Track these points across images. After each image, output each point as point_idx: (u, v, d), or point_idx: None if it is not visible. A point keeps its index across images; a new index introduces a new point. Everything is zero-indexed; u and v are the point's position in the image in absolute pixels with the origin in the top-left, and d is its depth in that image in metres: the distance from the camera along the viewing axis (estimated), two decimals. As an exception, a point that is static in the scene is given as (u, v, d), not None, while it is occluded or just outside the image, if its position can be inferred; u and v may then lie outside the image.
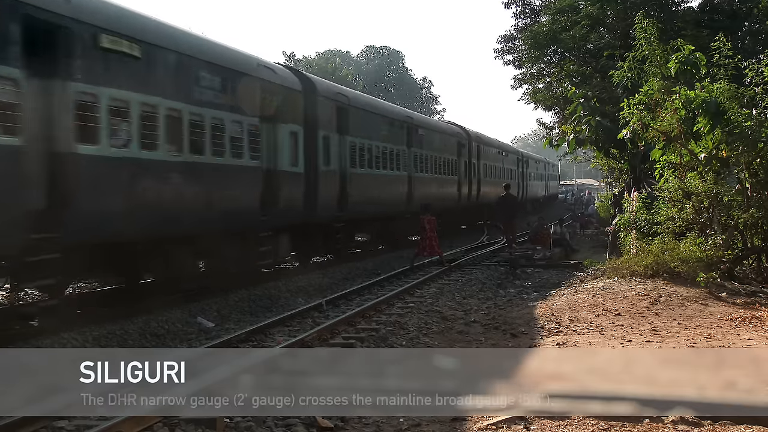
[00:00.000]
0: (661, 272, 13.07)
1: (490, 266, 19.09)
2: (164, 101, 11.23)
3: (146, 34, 11.10)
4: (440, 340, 9.85)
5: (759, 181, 13.57)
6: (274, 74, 15.22)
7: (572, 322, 10.62)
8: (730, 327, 9.82)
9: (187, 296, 12.18)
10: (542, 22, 29.16)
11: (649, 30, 16.06)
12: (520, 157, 45.80)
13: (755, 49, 21.79)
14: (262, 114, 14.29)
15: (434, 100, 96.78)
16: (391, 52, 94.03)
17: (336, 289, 14.35)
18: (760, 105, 13.88)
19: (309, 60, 75.04)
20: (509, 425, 5.84)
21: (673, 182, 14.56)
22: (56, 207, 9.24)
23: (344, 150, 18.72)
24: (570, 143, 19.66)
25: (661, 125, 14.27)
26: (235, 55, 14.17)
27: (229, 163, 13.12)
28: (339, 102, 18.68)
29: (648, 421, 5.75)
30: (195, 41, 12.96)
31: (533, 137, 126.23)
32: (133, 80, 10.57)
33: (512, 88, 34.34)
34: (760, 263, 14.28)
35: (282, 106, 15.10)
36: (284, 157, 15.15)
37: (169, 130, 11.33)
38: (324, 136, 17.30)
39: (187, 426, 5.76)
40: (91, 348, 9.10)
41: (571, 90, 20.19)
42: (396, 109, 26.46)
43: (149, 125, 10.86)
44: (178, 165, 11.62)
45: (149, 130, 10.85)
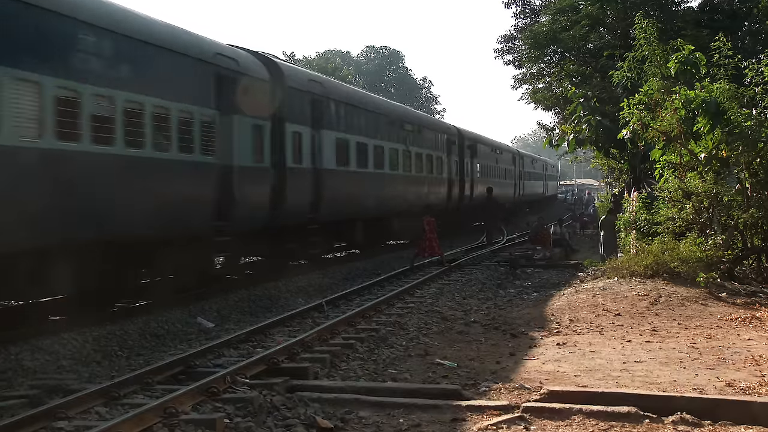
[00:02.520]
0: (661, 272, 13.07)
1: (490, 266, 19.07)
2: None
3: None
4: (440, 340, 9.84)
5: (759, 181, 13.57)
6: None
7: (572, 323, 10.62)
8: (730, 327, 9.82)
9: (186, 298, 12.21)
10: (542, 22, 29.17)
11: (649, 30, 16.05)
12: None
13: (755, 49, 21.82)
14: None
15: (434, 100, 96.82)
16: (391, 52, 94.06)
17: (336, 290, 14.34)
18: (760, 105, 13.89)
19: (309, 60, 75.03)
20: (509, 425, 5.83)
21: (673, 182, 14.56)
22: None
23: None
24: (570, 143, 19.65)
25: (661, 125, 14.27)
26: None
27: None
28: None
29: (648, 421, 5.74)
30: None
31: (533, 137, 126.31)
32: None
33: (512, 88, 34.41)
34: (760, 263, 14.28)
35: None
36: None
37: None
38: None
39: (187, 426, 5.75)
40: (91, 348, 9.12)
41: (571, 90, 20.20)
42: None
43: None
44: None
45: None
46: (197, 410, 6.28)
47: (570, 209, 45.64)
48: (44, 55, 8.99)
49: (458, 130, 30.54)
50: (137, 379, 7.17)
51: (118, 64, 10.29)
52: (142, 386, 7.07)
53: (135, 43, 10.72)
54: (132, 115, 10.40)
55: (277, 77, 15.23)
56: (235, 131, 13.16)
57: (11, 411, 6.30)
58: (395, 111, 24.04)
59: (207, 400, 6.48)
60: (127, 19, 10.92)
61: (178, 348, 9.36)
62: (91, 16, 9.97)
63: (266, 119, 14.43)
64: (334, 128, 17.70)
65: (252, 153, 13.81)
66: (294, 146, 15.49)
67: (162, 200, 11.21)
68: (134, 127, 10.47)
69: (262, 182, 14.32)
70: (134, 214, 10.56)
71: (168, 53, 11.58)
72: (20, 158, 8.62)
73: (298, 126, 15.70)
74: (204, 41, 13.31)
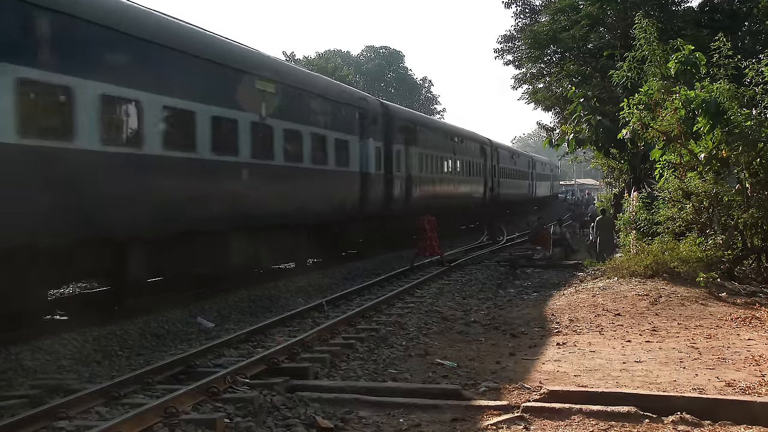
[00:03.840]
0: (661, 272, 13.07)
1: (490, 266, 19.08)
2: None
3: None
4: (440, 340, 9.85)
5: (759, 181, 13.57)
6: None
7: (572, 323, 10.62)
8: (730, 327, 9.82)
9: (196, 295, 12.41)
10: (542, 22, 29.15)
11: (649, 30, 16.06)
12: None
13: (755, 49, 21.78)
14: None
15: (434, 100, 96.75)
16: (391, 52, 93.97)
17: (336, 289, 14.35)
18: (760, 105, 13.89)
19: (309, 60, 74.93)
20: (509, 425, 5.84)
21: (673, 182, 14.57)
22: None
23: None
24: (570, 143, 19.65)
25: (661, 125, 14.27)
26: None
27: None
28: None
29: (648, 421, 5.74)
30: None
31: (533, 137, 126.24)
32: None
33: (512, 88, 34.34)
34: (760, 263, 14.28)
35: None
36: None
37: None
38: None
39: (187, 426, 5.76)
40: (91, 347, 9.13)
41: (571, 90, 20.20)
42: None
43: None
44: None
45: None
46: (197, 410, 6.28)
47: (570, 209, 45.71)
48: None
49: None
50: (137, 378, 7.17)
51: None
52: (142, 386, 7.08)
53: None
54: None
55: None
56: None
57: (12, 411, 6.30)
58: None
59: (207, 400, 6.49)
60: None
61: (179, 348, 9.36)
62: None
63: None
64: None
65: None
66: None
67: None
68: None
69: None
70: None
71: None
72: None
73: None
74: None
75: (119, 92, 10.16)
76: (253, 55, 14.94)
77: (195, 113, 11.84)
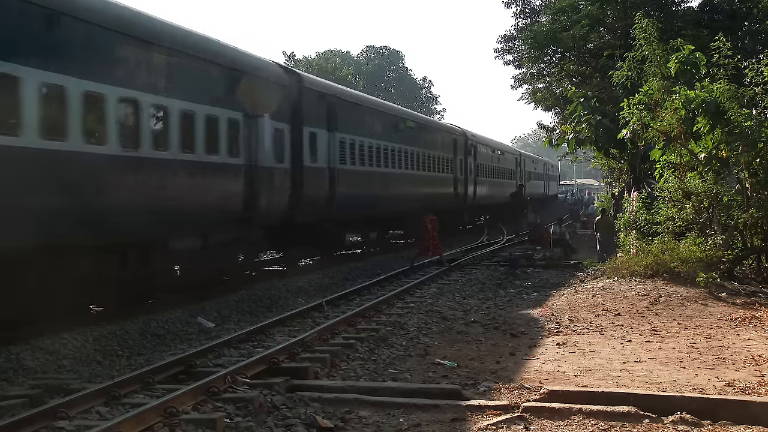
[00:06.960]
0: (661, 272, 13.07)
1: (490, 266, 19.09)
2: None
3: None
4: (440, 340, 9.85)
5: (759, 181, 13.58)
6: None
7: (572, 322, 10.63)
8: (730, 327, 9.83)
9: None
10: (542, 22, 29.17)
11: (649, 30, 16.07)
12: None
13: (755, 49, 21.79)
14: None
15: (434, 100, 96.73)
16: (391, 52, 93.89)
17: (336, 289, 14.35)
18: (760, 105, 13.89)
19: (309, 60, 74.88)
20: (509, 425, 5.84)
21: (673, 182, 14.57)
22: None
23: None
24: (570, 143, 19.67)
25: (661, 125, 14.27)
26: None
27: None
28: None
29: (648, 421, 5.75)
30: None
31: (533, 137, 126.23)
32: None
33: (512, 88, 34.35)
34: (759, 263, 14.28)
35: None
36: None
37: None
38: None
39: (187, 426, 5.76)
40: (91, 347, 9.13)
41: (571, 90, 20.24)
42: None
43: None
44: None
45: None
46: (198, 410, 6.29)
47: (570, 209, 45.72)
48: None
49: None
50: (138, 378, 7.18)
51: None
52: (142, 386, 7.08)
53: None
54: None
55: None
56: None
57: (12, 410, 6.30)
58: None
59: (207, 400, 6.49)
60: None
61: (179, 348, 9.37)
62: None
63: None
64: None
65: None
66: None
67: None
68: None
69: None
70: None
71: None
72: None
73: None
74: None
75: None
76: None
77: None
